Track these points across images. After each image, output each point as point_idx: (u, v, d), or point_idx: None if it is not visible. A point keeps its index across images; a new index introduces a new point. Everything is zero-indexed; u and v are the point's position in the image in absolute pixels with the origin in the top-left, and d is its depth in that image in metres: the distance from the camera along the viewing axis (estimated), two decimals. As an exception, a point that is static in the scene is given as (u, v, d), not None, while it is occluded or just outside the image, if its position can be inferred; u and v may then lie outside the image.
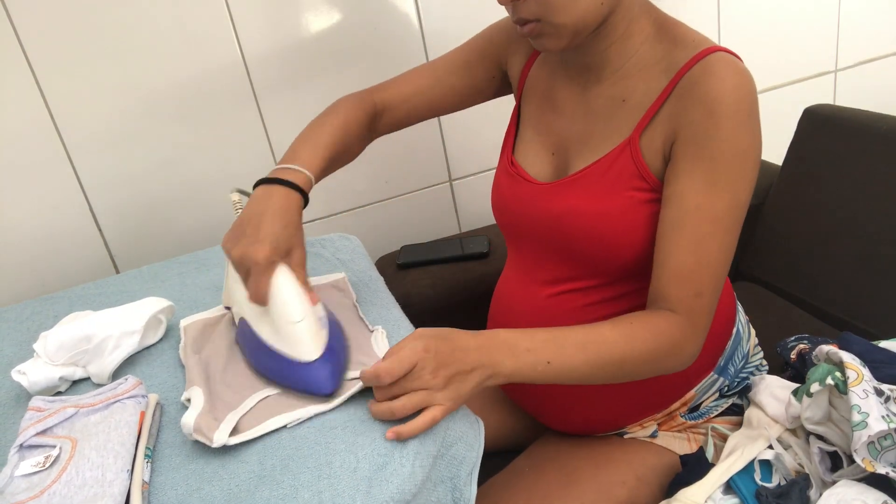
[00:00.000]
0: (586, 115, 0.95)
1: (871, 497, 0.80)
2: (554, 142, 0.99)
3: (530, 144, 1.02)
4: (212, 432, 0.77)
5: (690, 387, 1.00)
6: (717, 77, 0.82)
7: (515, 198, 1.00)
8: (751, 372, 1.04)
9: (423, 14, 1.51)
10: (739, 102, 0.82)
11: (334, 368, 0.84)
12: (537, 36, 0.87)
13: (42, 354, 0.94)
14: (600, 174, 0.90)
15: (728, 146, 0.82)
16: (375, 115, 1.07)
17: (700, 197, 0.83)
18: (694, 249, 0.84)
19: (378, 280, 1.08)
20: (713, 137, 0.82)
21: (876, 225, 1.24)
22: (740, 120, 0.82)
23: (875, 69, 2.01)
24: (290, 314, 0.83)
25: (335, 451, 0.75)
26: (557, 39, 0.86)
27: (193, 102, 1.41)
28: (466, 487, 0.81)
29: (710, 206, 0.83)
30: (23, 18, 1.26)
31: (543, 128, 1.00)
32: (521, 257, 1.03)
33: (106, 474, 0.73)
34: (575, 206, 0.92)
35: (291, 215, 0.87)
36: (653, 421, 1.01)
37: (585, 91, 0.95)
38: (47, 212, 1.39)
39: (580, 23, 0.84)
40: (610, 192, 0.90)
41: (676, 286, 0.85)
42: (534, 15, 0.84)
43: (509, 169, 1.02)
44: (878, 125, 1.26)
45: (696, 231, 0.84)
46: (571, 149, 0.96)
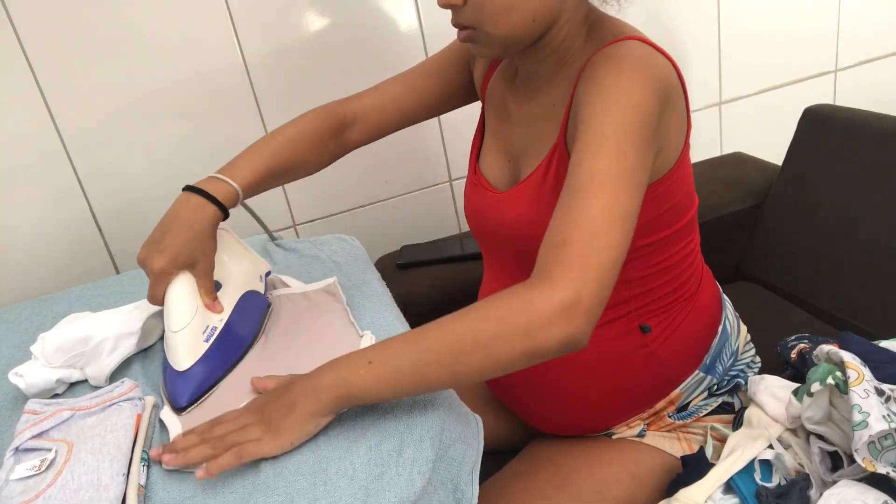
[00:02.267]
0: (529, 123, 0.96)
1: (871, 497, 0.79)
2: (508, 150, 1.00)
3: (490, 152, 1.03)
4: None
5: (674, 386, 1.00)
6: (611, 56, 0.82)
7: (478, 206, 1.01)
8: (740, 370, 1.04)
9: (423, 15, 1.50)
10: (625, 69, 0.80)
11: (197, 384, 0.86)
12: (472, 42, 0.88)
13: (39, 357, 0.93)
14: (540, 180, 0.90)
15: (612, 103, 0.78)
16: (344, 126, 1.07)
17: (580, 155, 0.77)
18: (565, 202, 0.76)
19: (375, 282, 1.08)
20: (597, 101, 0.79)
21: (876, 225, 1.24)
22: (624, 82, 0.79)
23: (875, 69, 2.01)
24: (170, 323, 0.87)
25: (329, 457, 0.75)
26: (489, 48, 0.88)
27: (194, 103, 1.41)
28: (468, 487, 0.81)
29: (588, 163, 0.76)
30: (23, 19, 1.26)
31: (499, 135, 1.02)
32: (493, 263, 1.06)
33: (102, 478, 0.73)
34: (523, 214, 0.92)
35: (200, 227, 0.89)
36: (639, 420, 1.01)
37: (529, 100, 0.96)
38: (47, 212, 1.39)
39: (511, 36, 0.85)
40: (550, 196, 0.88)
41: (544, 244, 0.75)
42: (469, 22, 0.86)
43: (473, 178, 1.04)
44: (878, 125, 1.26)
45: (570, 185, 0.76)
46: (521, 156, 0.97)
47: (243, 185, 0.94)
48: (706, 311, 1.02)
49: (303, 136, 1.02)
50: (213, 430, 0.77)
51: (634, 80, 0.79)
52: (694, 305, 1.00)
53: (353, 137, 1.09)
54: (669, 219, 0.92)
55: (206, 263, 0.90)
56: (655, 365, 0.97)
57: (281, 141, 1.01)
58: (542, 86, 0.94)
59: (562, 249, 0.72)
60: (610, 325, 0.96)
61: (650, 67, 0.81)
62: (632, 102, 0.78)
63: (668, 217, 0.92)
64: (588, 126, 0.78)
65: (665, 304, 0.97)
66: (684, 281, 0.98)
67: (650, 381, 0.98)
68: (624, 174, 0.76)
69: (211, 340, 0.90)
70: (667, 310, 0.97)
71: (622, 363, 0.97)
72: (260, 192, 0.98)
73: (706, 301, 1.02)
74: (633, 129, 0.78)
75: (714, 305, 1.04)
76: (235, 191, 0.93)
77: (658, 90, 0.80)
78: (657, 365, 0.97)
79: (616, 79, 0.79)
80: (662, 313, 0.97)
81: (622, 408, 1.01)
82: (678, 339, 0.98)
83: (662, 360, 0.97)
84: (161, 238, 0.88)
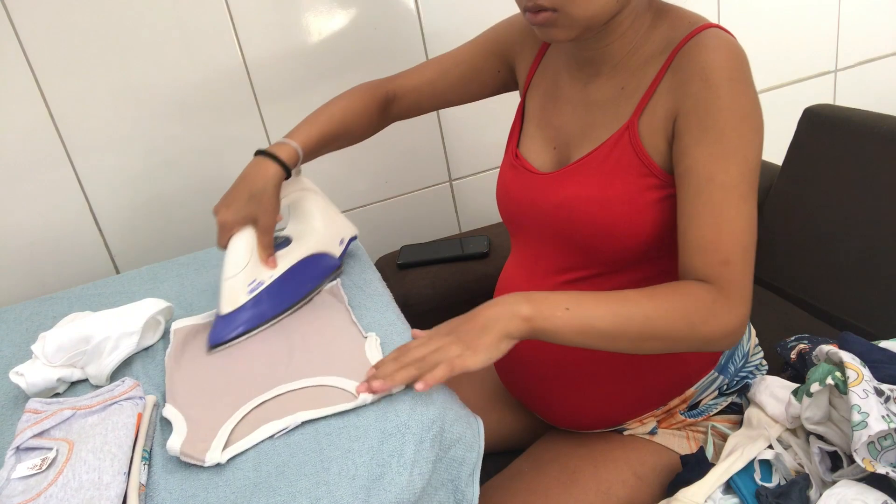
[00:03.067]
0: (587, 108, 0.96)
1: (871, 497, 0.79)
2: (555, 136, 1.00)
3: (533, 139, 1.03)
4: (202, 453, 0.76)
5: (691, 383, 1.00)
6: (710, 48, 0.84)
7: (518, 188, 1.01)
8: (750, 371, 1.04)
9: (423, 15, 1.50)
10: (734, 70, 0.83)
11: (226, 329, 0.95)
12: (549, 26, 0.86)
13: (40, 356, 0.94)
14: (600, 161, 0.91)
15: (730, 113, 0.82)
16: (387, 102, 1.15)
17: (710, 167, 0.83)
18: (712, 220, 0.83)
19: (376, 281, 1.08)
20: (714, 106, 0.82)
21: (876, 225, 1.24)
22: (738, 86, 0.83)
23: (875, 69, 2.01)
24: (223, 271, 0.96)
25: (331, 457, 0.75)
26: (568, 31, 0.87)
27: (194, 103, 1.41)
28: (468, 488, 0.81)
29: (722, 175, 0.82)
30: (23, 19, 1.26)
31: (545, 123, 1.02)
32: (525, 248, 1.04)
33: (103, 477, 0.73)
34: (575, 194, 0.92)
35: (263, 185, 0.98)
36: (652, 417, 1.02)
37: (587, 84, 0.96)
38: (47, 212, 1.39)
39: (594, 18, 0.85)
40: (609, 178, 0.90)
41: (699, 257, 0.84)
42: (552, 4, 0.84)
43: (514, 161, 1.03)
44: (878, 125, 1.26)
45: (712, 201, 0.83)
46: (572, 142, 0.97)
47: (303, 145, 1.02)
48: None
49: (353, 107, 1.10)
50: (408, 355, 0.82)
51: (746, 81, 0.84)
52: None
53: (394, 113, 1.17)
54: None
55: (266, 220, 0.98)
56: (675, 362, 0.98)
57: (334, 111, 1.09)
58: (605, 70, 0.94)
59: (728, 268, 0.82)
60: None
61: (744, 58, 0.85)
62: (746, 106, 0.83)
63: None
64: (708, 133, 0.83)
65: None
66: None
67: (670, 378, 0.99)
68: (751, 177, 0.84)
69: (253, 294, 0.96)
70: None
71: (647, 358, 0.97)
72: (317, 155, 1.07)
73: None
74: (752, 135, 0.84)
75: None
76: (296, 151, 1.01)
77: (752, 78, 0.85)
78: (679, 362, 0.98)
79: (730, 81, 0.82)
80: None
81: (638, 402, 1.01)
82: None
83: (685, 357, 0.98)
84: (229, 194, 0.99)
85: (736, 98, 0.82)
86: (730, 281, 0.83)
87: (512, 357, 1.03)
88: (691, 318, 0.82)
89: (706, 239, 0.83)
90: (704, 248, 0.83)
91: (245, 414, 0.82)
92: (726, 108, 0.82)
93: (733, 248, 0.83)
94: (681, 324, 0.82)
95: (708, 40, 0.85)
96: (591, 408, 1.02)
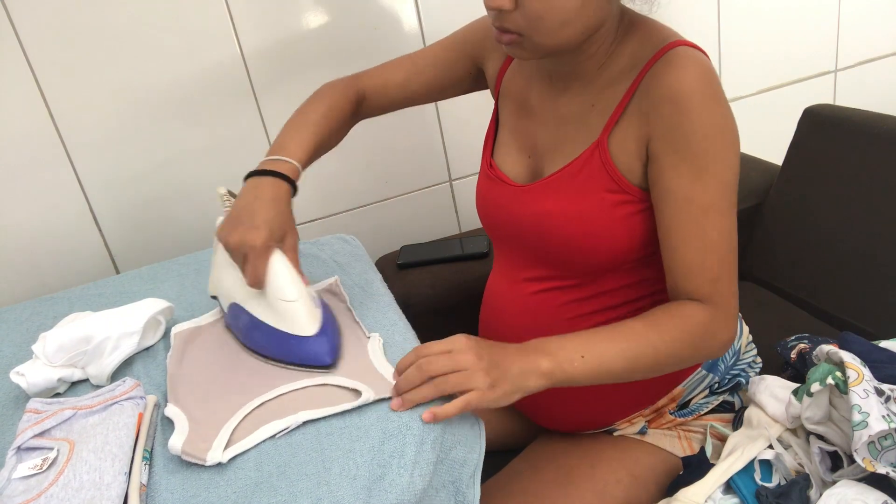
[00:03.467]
0: (558, 121, 0.96)
1: (871, 497, 0.79)
2: (529, 145, 1.00)
3: (507, 147, 1.03)
4: (203, 452, 0.76)
5: (677, 382, 1.00)
6: (678, 67, 0.84)
7: (495, 200, 1.02)
8: (742, 369, 1.04)
9: (422, 12, 1.50)
10: (704, 89, 0.83)
11: (331, 342, 0.89)
12: (515, 46, 0.87)
13: (41, 356, 0.94)
14: (571, 177, 0.92)
15: (703, 134, 0.83)
16: (358, 102, 1.11)
17: (688, 189, 0.84)
18: (696, 242, 0.86)
19: (377, 282, 1.08)
20: (687, 129, 0.83)
21: (876, 225, 1.24)
22: (708, 105, 0.83)
23: (875, 69, 2.01)
24: (288, 294, 0.88)
25: (332, 457, 0.75)
26: (532, 53, 0.87)
27: (193, 102, 1.41)
28: (469, 490, 0.81)
29: (700, 196, 0.84)
30: (23, 19, 1.26)
31: (519, 131, 1.02)
32: (505, 257, 1.06)
33: (103, 477, 0.73)
34: (549, 209, 0.93)
35: (282, 203, 0.91)
36: (641, 417, 1.02)
37: (557, 98, 0.97)
38: (47, 212, 1.39)
39: (561, 46, 0.86)
40: (581, 194, 0.91)
41: (690, 279, 0.87)
42: (518, 29, 0.84)
43: (488, 172, 1.04)
44: (878, 125, 1.26)
45: (693, 224, 0.85)
46: (545, 153, 0.98)
47: (300, 161, 0.97)
48: None
49: (332, 112, 1.05)
50: (431, 365, 0.80)
51: (717, 98, 0.85)
52: None
53: (363, 112, 1.14)
54: None
55: (293, 237, 0.93)
56: None
57: (315, 118, 1.03)
58: (575, 86, 0.94)
59: (717, 285, 0.87)
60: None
61: (713, 75, 0.85)
62: (718, 124, 0.84)
63: None
64: (682, 155, 0.84)
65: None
66: None
67: (656, 378, 0.98)
68: (729, 198, 0.86)
69: (319, 306, 0.92)
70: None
71: None
72: (306, 167, 1.00)
73: None
74: (726, 148, 0.85)
75: None
76: (297, 168, 0.96)
77: (723, 94, 0.86)
78: None
79: (701, 101, 0.83)
80: None
81: (625, 403, 1.01)
82: None
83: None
84: (251, 217, 0.88)
85: (707, 118, 0.83)
86: (721, 296, 0.87)
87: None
88: (695, 341, 0.87)
89: (694, 262, 0.86)
90: (693, 271, 0.87)
91: (247, 414, 0.82)
92: (699, 130, 0.83)
93: (720, 267, 0.87)
94: (686, 348, 0.87)
95: (677, 59, 0.84)
96: (578, 409, 1.03)
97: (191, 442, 0.78)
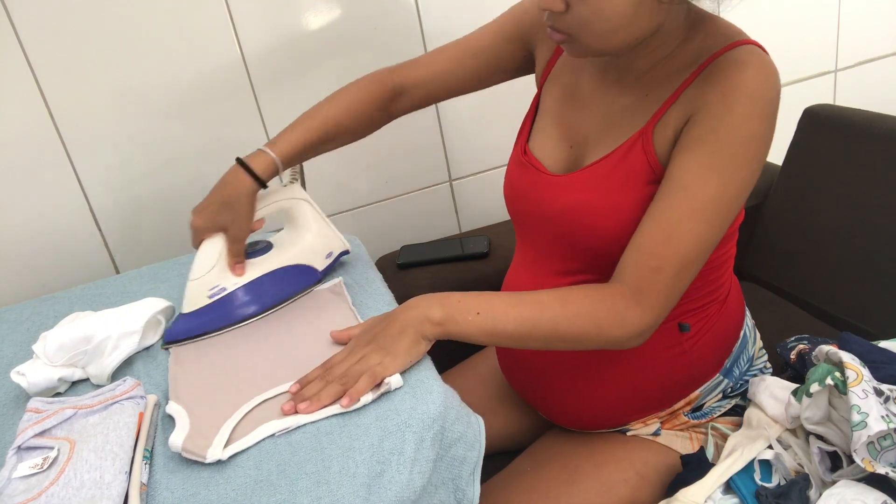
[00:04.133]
0: (607, 111, 0.94)
1: (870, 497, 0.80)
2: (573, 135, 0.97)
3: (547, 135, 1.00)
4: (203, 449, 0.76)
5: (696, 387, 1.00)
6: (742, 65, 0.81)
7: (525, 188, 1.00)
8: (754, 374, 1.04)
9: (422, 11, 1.50)
10: (757, 92, 0.80)
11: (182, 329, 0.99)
12: (566, 44, 0.86)
13: (41, 355, 0.94)
14: (611, 168, 0.89)
15: (733, 133, 0.80)
16: (394, 97, 1.11)
17: (689, 177, 0.81)
18: (663, 227, 0.82)
19: (377, 282, 1.08)
20: (721, 121, 0.80)
21: (876, 225, 1.24)
22: (754, 109, 0.80)
23: (875, 69, 2.01)
24: (191, 272, 0.99)
25: (332, 456, 0.75)
26: (585, 52, 0.86)
27: (193, 102, 1.41)
28: (469, 487, 0.81)
29: (696, 190, 0.81)
30: (23, 18, 1.26)
31: (563, 119, 0.99)
32: (531, 248, 1.03)
33: (104, 476, 0.73)
34: (583, 201, 0.91)
35: (236, 195, 0.98)
36: (656, 419, 1.01)
37: (610, 89, 0.94)
38: (47, 212, 1.39)
39: (610, 51, 0.84)
40: (621, 186, 0.88)
41: (636, 257, 0.84)
42: (569, 30, 0.82)
43: (521, 158, 1.01)
44: (878, 125, 1.26)
45: (674, 209, 0.82)
46: (589, 143, 0.95)
47: (283, 155, 1.01)
48: (734, 315, 1.02)
49: (353, 107, 1.07)
50: (332, 371, 0.84)
51: (767, 108, 0.81)
52: (725, 308, 0.99)
53: (401, 107, 1.13)
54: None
55: (235, 230, 0.99)
56: (684, 363, 0.97)
57: (330, 112, 1.06)
58: (629, 78, 0.92)
59: (656, 275, 0.83)
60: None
61: (774, 81, 0.82)
62: (752, 132, 0.81)
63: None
64: (703, 144, 0.81)
65: (703, 304, 0.97)
66: (722, 283, 0.99)
67: (676, 380, 0.98)
68: (724, 206, 0.82)
69: (214, 298, 0.99)
70: (704, 310, 0.97)
71: (654, 360, 0.96)
72: (304, 159, 1.06)
73: (735, 305, 1.02)
74: (746, 161, 0.81)
75: (740, 310, 1.04)
76: (274, 162, 1.00)
77: (776, 108, 0.83)
78: (686, 365, 0.97)
79: (750, 100, 0.80)
80: (699, 313, 0.97)
81: (643, 405, 1.00)
82: (709, 340, 0.98)
83: (692, 360, 0.97)
84: (205, 200, 1.00)
85: (745, 120, 0.80)
86: (652, 288, 0.83)
87: (516, 353, 1.03)
88: (600, 322, 0.84)
89: (648, 243, 0.83)
90: (642, 250, 0.84)
91: (247, 412, 0.82)
92: (731, 126, 0.80)
93: (671, 260, 0.82)
94: (589, 327, 0.84)
95: (744, 57, 0.82)
96: (594, 408, 1.02)
97: (191, 439, 0.78)
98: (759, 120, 0.81)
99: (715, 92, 0.81)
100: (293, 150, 1.02)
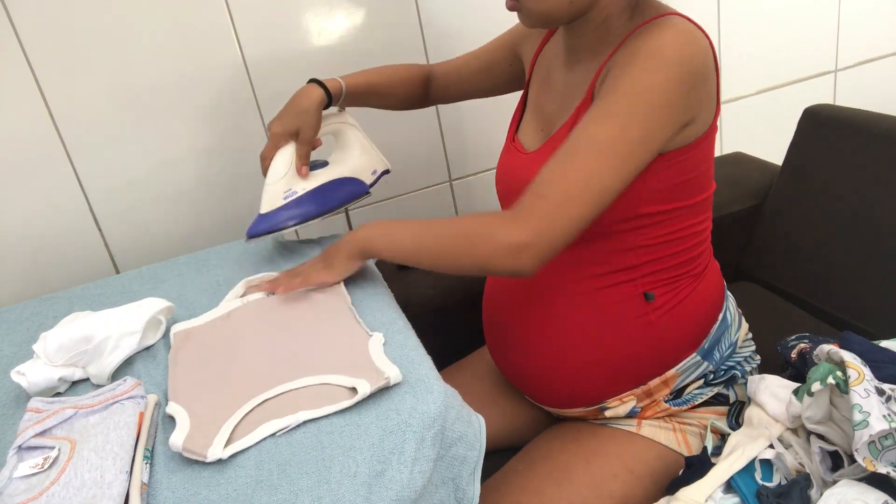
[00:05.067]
0: (563, 88, 1.03)
1: (871, 497, 0.79)
2: (543, 119, 1.06)
3: (529, 124, 1.09)
4: (204, 449, 0.77)
5: (670, 365, 1.01)
6: (660, 29, 0.87)
7: (509, 168, 1.09)
8: (738, 362, 1.05)
9: (422, 15, 1.51)
10: (663, 51, 0.85)
11: (264, 226, 1.12)
12: (517, 11, 0.95)
13: (41, 355, 0.94)
14: (564, 136, 0.93)
15: (634, 82, 0.85)
16: (428, 79, 1.30)
17: (588, 120, 0.86)
18: (557, 162, 0.87)
19: (377, 281, 1.08)
20: (623, 72, 0.86)
21: (876, 225, 1.24)
22: (657, 65, 0.85)
23: (875, 69, 2.01)
24: (268, 177, 1.14)
25: (332, 455, 0.75)
26: (530, 21, 0.96)
27: (194, 102, 1.41)
28: (469, 487, 0.81)
29: (593, 130, 0.85)
30: (23, 18, 1.26)
31: (538, 108, 1.08)
32: None
33: (105, 475, 0.73)
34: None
35: (308, 104, 1.13)
36: (632, 396, 1.02)
37: (571, 70, 1.02)
38: (47, 212, 1.39)
39: (549, 13, 0.93)
40: None
41: (528, 188, 0.88)
42: None
43: (509, 144, 1.11)
44: (878, 125, 1.26)
45: (568, 147, 0.87)
46: (553, 121, 1.03)
47: (348, 83, 1.19)
48: (710, 295, 1.04)
49: (400, 73, 1.27)
50: (293, 271, 1.07)
51: (671, 63, 0.85)
52: (699, 285, 1.02)
53: (431, 92, 1.31)
54: (686, 191, 0.96)
55: (306, 133, 1.14)
56: (654, 336, 0.99)
57: (383, 69, 1.26)
58: (584, 57, 1.00)
59: (538, 201, 0.86)
60: (614, 289, 0.98)
61: (687, 44, 0.86)
62: (653, 82, 0.84)
63: (685, 189, 0.95)
64: (607, 94, 0.86)
65: (672, 276, 0.99)
66: (693, 257, 1.01)
67: (647, 353, 1.00)
68: (617, 149, 0.85)
69: (288, 200, 1.14)
70: (673, 282, 0.99)
71: (621, 328, 0.99)
72: (361, 100, 1.23)
73: (711, 285, 1.04)
74: (644, 109, 0.85)
75: (718, 292, 1.06)
76: (340, 85, 1.18)
77: (690, 70, 0.86)
78: (655, 337, 0.99)
79: (648, 55, 0.85)
80: (667, 285, 0.99)
81: (616, 377, 1.01)
82: (680, 314, 1.00)
83: (662, 332, 0.99)
84: (280, 112, 1.15)
85: (648, 73, 0.84)
86: (530, 210, 0.86)
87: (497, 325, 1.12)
88: (472, 237, 0.89)
89: (541, 175, 0.87)
90: (535, 181, 0.87)
91: (247, 412, 0.82)
92: (634, 77, 0.85)
93: (554, 188, 0.85)
94: (461, 241, 0.91)
95: (665, 23, 0.88)
96: (568, 378, 1.03)
97: (191, 439, 0.78)
98: (662, 76, 0.84)
99: (626, 52, 0.88)
100: (357, 85, 1.19)
